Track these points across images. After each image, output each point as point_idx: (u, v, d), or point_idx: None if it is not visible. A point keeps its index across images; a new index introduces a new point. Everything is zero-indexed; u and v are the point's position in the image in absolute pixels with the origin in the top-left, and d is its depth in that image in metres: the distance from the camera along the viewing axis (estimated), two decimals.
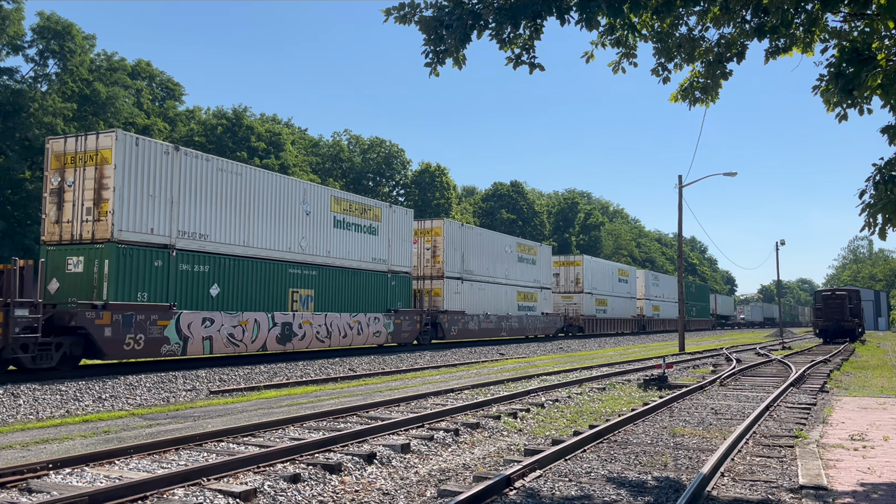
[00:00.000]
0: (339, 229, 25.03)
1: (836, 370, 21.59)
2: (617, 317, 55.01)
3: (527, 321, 39.67)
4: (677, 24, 7.69)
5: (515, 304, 38.48)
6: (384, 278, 27.04)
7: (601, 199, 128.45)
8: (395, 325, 27.21)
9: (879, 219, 7.18)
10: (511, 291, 38.04)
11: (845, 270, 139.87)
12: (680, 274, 35.64)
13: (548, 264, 43.67)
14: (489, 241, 36.44)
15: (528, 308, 40.02)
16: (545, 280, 43.09)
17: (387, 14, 6.75)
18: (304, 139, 70.20)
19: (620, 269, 58.50)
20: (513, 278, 38.42)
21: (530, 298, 40.66)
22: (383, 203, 27.69)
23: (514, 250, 39.11)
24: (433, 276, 31.54)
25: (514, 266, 38.73)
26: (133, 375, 16.61)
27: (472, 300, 33.46)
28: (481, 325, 34.19)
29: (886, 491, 6.72)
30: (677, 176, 56.62)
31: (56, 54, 44.07)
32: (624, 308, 57.37)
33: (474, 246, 34.37)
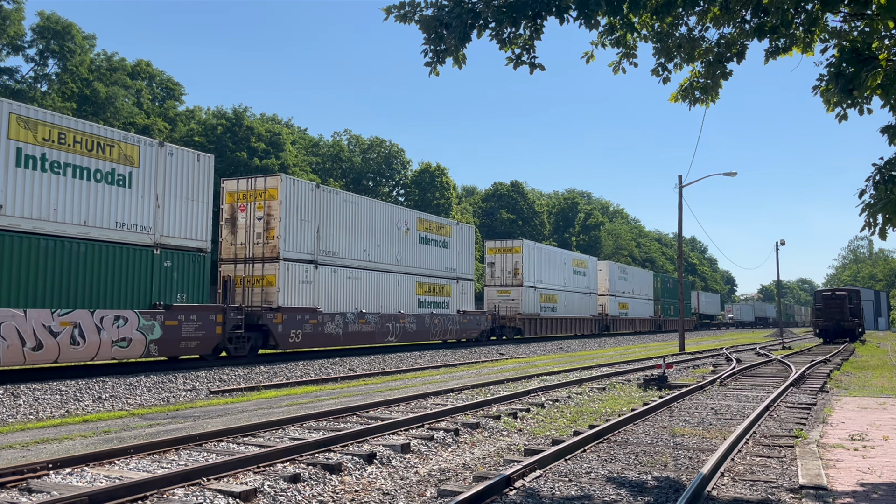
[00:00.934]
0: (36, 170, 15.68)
1: (836, 370, 21.59)
2: (570, 315, 46.43)
3: (432, 322, 30.41)
4: (677, 24, 7.69)
5: (414, 298, 29.63)
6: (144, 256, 17.96)
7: (601, 199, 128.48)
8: (166, 328, 18.16)
9: (879, 219, 7.17)
10: (407, 282, 29.18)
11: (845, 270, 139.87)
12: (680, 274, 35.59)
13: (468, 249, 34.64)
14: (365, 212, 27.03)
15: (435, 304, 31.31)
16: (464, 269, 34.14)
17: (387, 13, 6.75)
18: (304, 139, 70.16)
19: (576, 258, 49.77)
20: (409, 264, 29.49)
21: (439, 292, 31.82)
22: (144, 138, 18.54)
23: (413, 228, 30.18)
24: (265, 258, 22.51)
25: (413, 249, 29.84)
26: (133, 375, 16.61)
27: (332, 293, 24.60)
28: (348, 327, 24.95)
29: (886, 491, 6.72)
30: (677, 176, 54.73)
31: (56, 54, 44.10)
32: (581, 305, 48.97)
33: (337, 217, 25.37)
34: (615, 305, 55.64)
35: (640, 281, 62.97)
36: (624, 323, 57.18)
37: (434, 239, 31.85)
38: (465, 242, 34.85)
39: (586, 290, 50.29)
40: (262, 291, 22.51)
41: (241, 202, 23.04)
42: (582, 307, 49.15)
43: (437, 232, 32.15)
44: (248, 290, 22.55)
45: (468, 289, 34.67)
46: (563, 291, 45.84)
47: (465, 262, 34.56)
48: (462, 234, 34.53)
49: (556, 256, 46.24)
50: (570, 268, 47.73)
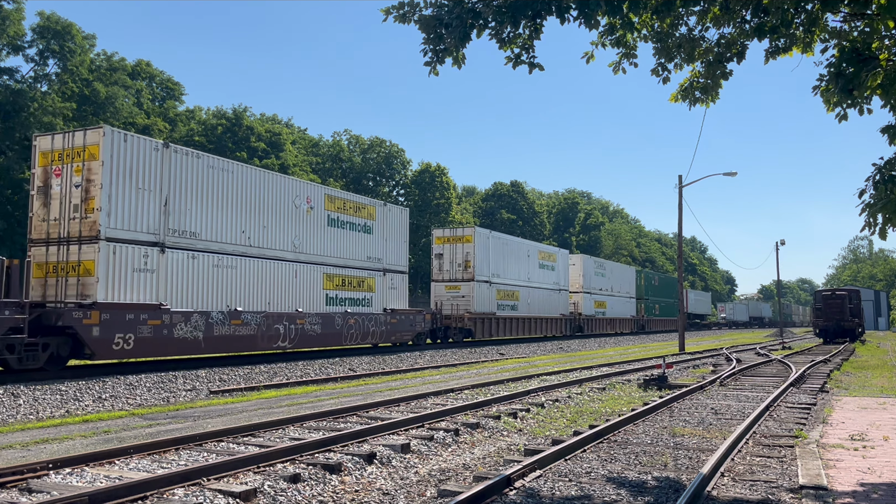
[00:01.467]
0: None
1: (836, 370, 21.59)
2: (535, 315, 40.82)
3: (345, 323, 24.67)
4: (677, 24, 7.69)
5: (321, 294, 24.06)
6: None
7: (601, 199, 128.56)
8: None
9: (879, 218, 7.18)
10: (309, 274, 23.58)
11: (845, 270, 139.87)
12: (680, 274, 35.58)
13: (398, 235, 29.08)
14: (246, 183, 21.36)
15: (352, 301, 25.72)
16: (394, 259, 28.64)
17: (386, 13, 6.75)
18: (304, 139, 70.22)
19: (543, 250, 43.42)
20: (314, 252, 23.97)
21: (357, 286, 26.06)
22: None
23: (318, 206, 24.41)
24: (82, 238, 17.06)
25: (319, 232, 24.34)
26: (133, 375, 16.61)
27: (189, 286, 19.09)
28: (213, 330, 19.33)
29: (886, 491, 6.72)
30: (677, 176, 53.95)
31: (56, 54, 44.10)
32: (548, 303, 43.05)
33: (200, 187, 19.67)
34: (590, 304, 50.29)
35: (620, 277, 57.41)
36: (601, 323, 51.77)
37: (351, 222, 25.90)
38: (396, 227, 28.91)
39: (555, 287, 44.18)
40: (79, 283, 16.78)
41: (57, 164, 17.41)
42: (550, 305, 43.21)
43: (356, 213, 26.25)
44: (62, 280, 17.00)
45: (399, 283, 28.87)
46: (525, 287, 39.98)
47: (396, 251, 28.75)
48: (391, 216, 28.60)
49: (518, 247, 40.10)
50: (534, 261, 41.57)
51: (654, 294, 66.25)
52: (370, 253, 27.13)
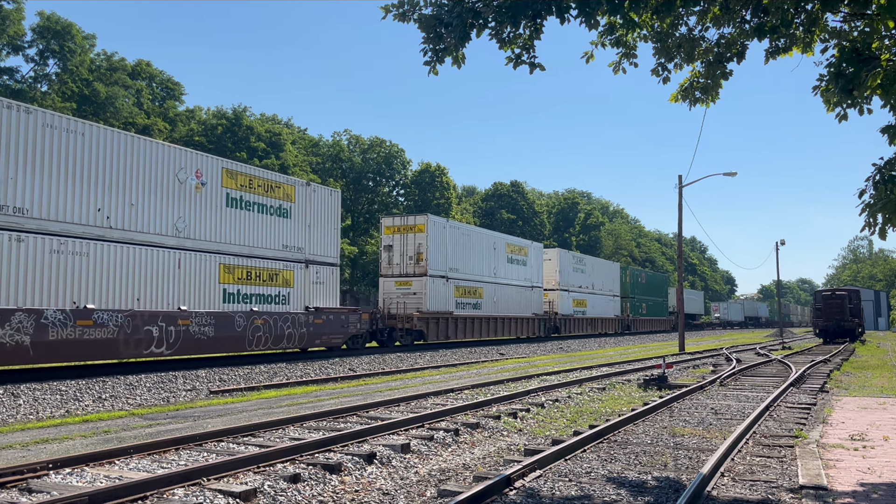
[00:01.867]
0: None
1: (836, 370, 21.59)
2: (501, 314, 36.82)
3: (249, 323, 20.60)
4: (677, 24, 7.69)
5: (216, 288, 20.16)
6: None
7: (601, 199, 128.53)
8: None
9: (879, 218, 7.18)
10: (200, 264, 19.69)
11: (845, 270, 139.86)
12: (680, 274, 35.60)
13: (326, 220, 24.82)
14: (106, 149, 17.58)
15: (261, 298, 21.68)
16: (320, 248, 24.37)
17: (385, 11, 6.74)
18: (304, 139, 70.19)
19: (511, 242, 39.15)
20: (207, 237, 20.05)
21: (270, 280, 22.10)
22: None
23: (213, 182, 20.36)
24: None
25: (215, 214, 20.30)
26: (133, 375, 16.61)
27: (11, 276, 15.27)
28: (48, 333, 15.39)
29: (886, 491, 6.72)
30: (677, 176, 53.33)
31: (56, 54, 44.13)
32: (518, 301, 38.99)
33: (24, 150, 15.73)
34: (568, 302, 46.03)
35: (602, 274, 53.18)
36: (580, 323, 47.52)
37: (260, 203, 21.93)
38: (323, 211, 24.69)
39: (527, 283, 40.06)
40: None
41: None
42: (520, 304, 39.11)
43: (268, 193, 22.25)
44: None
45: (328, 277, 24.61)
46: (491, 284, 35.96)
47: (323, 239, 24.56)
48: (316, 199, 24.40)
49: (481, 239, 35.78)
50: (502, 254, 37.41)
51: (640, 292, 62.05)
52: (288, 241, 22.99)
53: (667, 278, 75.93)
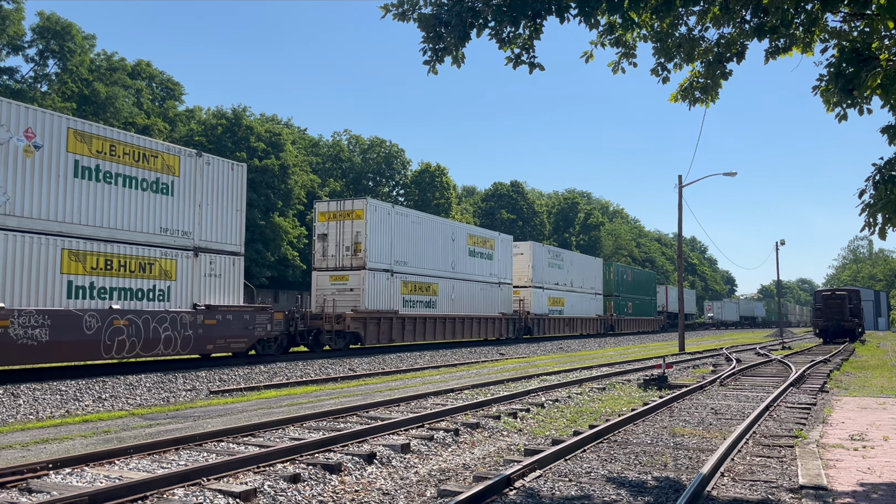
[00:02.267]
0: None
1: (836, 370, 21.59)
2: (462, 314, 32.57)
3: (107, 325, 16.62)
4: (677, 24, 7.69)
5: (58, 281, 16.09)
6: None
7: (601, 199, 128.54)
8: None
9: (879, 218, 7.18)
10: (34, 249, 15.64)
11: (845, 270, 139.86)
12: (680, 274, 35.56)
13: (226, 200, 20.76)
14: None
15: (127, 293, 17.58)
16: (214, 233, 20.31)
17: (385, 10, 6.72)
18: (304, 139, 70.20)
19: (473, 233, 34.60)
20: (39, 215, 15.87)
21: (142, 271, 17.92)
22: None
23: (55, 147, 16.32)
24: None
25: (57, 188, 16.30)
26: (133, 375, 16.61)
27: None
28: None
29: (886, 491, 6.72)
30: (677, 176, 52.69)
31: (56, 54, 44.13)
32: (482, 300, 34.62)
33: None
34: (542, 301, 41.64)
35: (582, 270, 48.61)
36: (555, 324, 42.73)
37: (129, 175, 17.81)
38: (220, 188, 20.54)
39: (493, 279, 35.64)
40: None
41: None
42: (484, 302, 34.63)
43: (140, 163, 18.11)
44: None
45: (227, 268, 20.56)
46: (447, 279, 31.59)
47: (220, 222, 20.44)
48: (211, 174, 20.26)
49: (435, 228, 31.27)
50: (462, 246, 32.93)
51: (626, 290, 57.29)
52: (166, 223, 18.74)
53: (655, 276, 70.68)
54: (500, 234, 37.96)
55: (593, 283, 50.77)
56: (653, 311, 64.26)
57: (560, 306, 44.15)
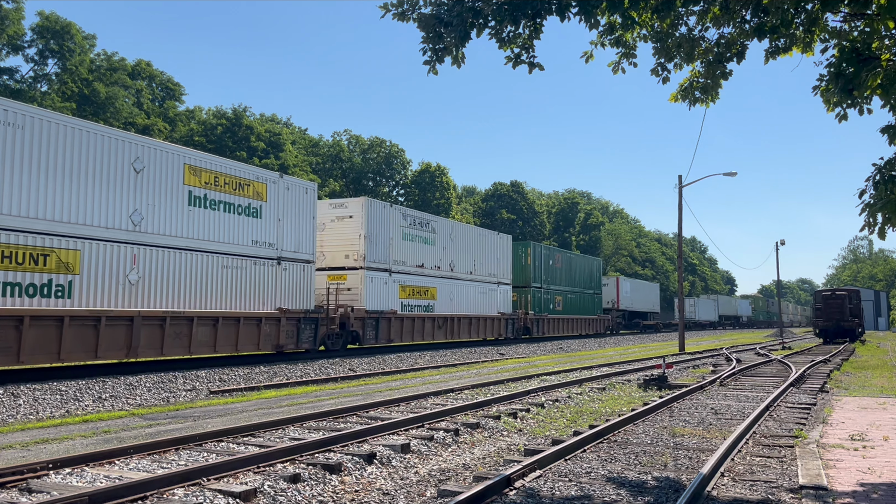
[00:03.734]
0: None
1: (836, 370, 21.59)
2: (207, 311, 19.87)
3: None
4: (677, 24, 7.69)
5: None
6: None
7: (601, 199, 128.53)
8: None
9: (879, 218, 7.18)
10: None
11: (845, 270, 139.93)
12: (680, 274, 35.56)
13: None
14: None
15: None
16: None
17: (385, 9, 6.72)
18: (304, 139, 70.23)
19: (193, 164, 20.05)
20: None
21: None
22: None
23: None
24: None
25: None
26: (133, 375, 16.61)
27: None
28: None
29: (886, 491, 6.72)
30: (677, 176, 51.90)
31: (56, 54, 44.12)
32: (242, 290, 20.76)
33: None
34: (387, 291, 27.16)
35: (474, 248, 34.12)
36: (413, 325, 28.45)
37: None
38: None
39: (264, 252, 21.65)
40: None
41: None
42: (253, 293, 21.09)
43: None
44: None
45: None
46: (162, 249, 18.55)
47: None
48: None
49: None
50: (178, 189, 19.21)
51: (555, 281, 43.48)
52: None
53: (600, 263, 54.00)
54: (296, 178, 24.14)
55: (496, 269, 36.08)
56: (595, 308, 50.78)
57: (426, 300, 29.68)
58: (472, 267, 34.19)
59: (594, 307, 50.74)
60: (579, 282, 48.14)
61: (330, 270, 26.58)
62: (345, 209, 26.85)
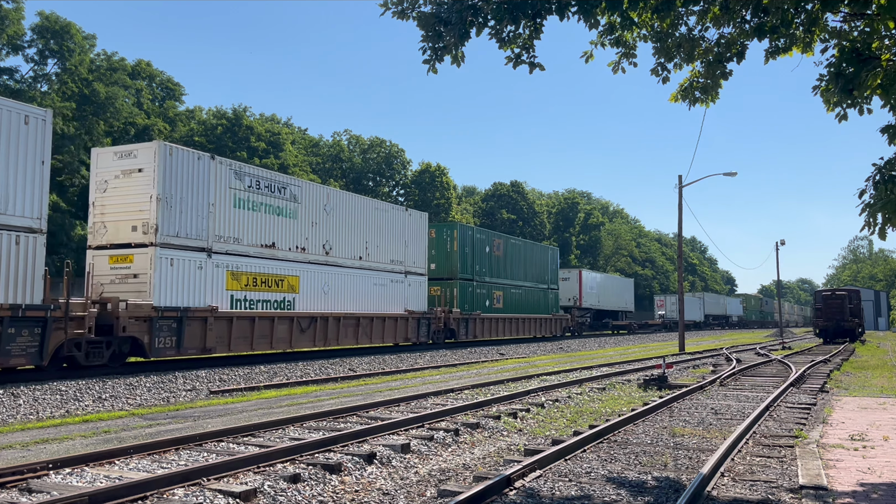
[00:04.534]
0: None
1: (836, 370, 21.59)
2: None
3: None
4: (677, 24, 7.68)
5: None
6: None
7: (601, 199, 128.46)
8: None
9: (879, 218, 7.18)
10: None
11: (845, 270, 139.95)
12: (680, 274, 35.57)
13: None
14: None
15: None
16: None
17: (384, 7, 6.70)
18: (304, 139, 70.23)
19: None
20: None
21: None
22: None
23: None
24: None
25: None
26: (133, 376, 16.60)
27: None
28: None
29: (886, 491, 6.72)
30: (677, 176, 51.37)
31: (56, 54, 44.09)
32: None
33: None
34: (207, 283, 19.59)
35: (362, 226, 26.31)
36: (263, 329, 21.06)
37: None
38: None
39: None
40: None
41: None
42: None
43: None
44: None
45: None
46: None
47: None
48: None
49: None
50: None
51: (491, 272, 35.45)
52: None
53: (556, 253, 44.80)
54: None
55: (403, 255, 28.55)
56: (550, 307, 42.65)
57: (282, 293, 22.08)
58: (363, 251, 26.12)
59: (548, 305, 42.39)
60: (529, 275, 39.98)
61: (113, 249, 18.58)
62: (133, 159, 18.72)
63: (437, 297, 32.26)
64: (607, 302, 56.37)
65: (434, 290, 32.18)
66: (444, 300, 32.36)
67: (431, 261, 31.88)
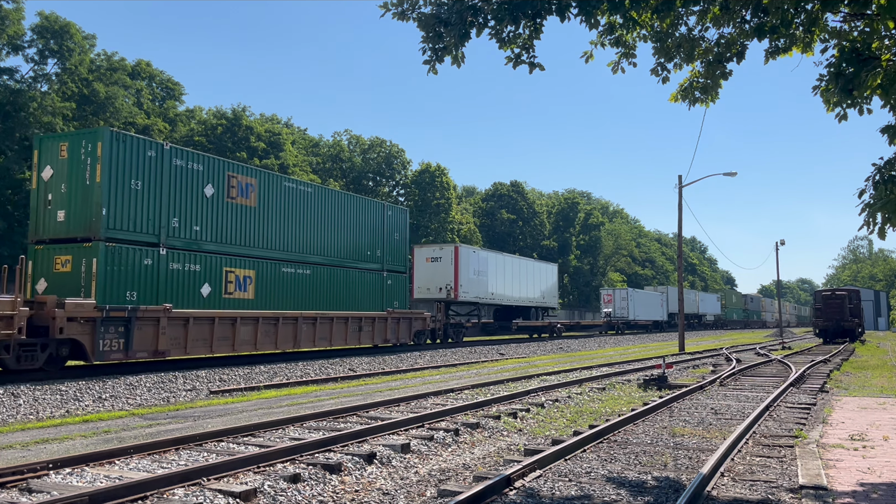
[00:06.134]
0: None
1: (836, 370, 21.59)
2: None
3: None
4: (677, 24, 7.68)
5: None
6: None
7: (601, 199, 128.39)
8: None
9: (879, 218, 7.18)
10: None
11: (845, 270, 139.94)
12: (680, 274, 35.56)
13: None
14: None
15: None
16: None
17: (384, 8, 6.71)
18: (304, 139, 70.18)
19: None
20: None
21: None
22: None
23: None
24: None
25: None
26: (133, 375, 16.60)
27: None
28: None
29: (886, 491, 6.72)
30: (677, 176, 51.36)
31: (55, 54, 44.04)
32: None
33: None
34: None
35: None
36: None
37: None
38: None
39: None
40: None
41: None
42: None
43: None
44: None
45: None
46: None
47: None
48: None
49: None
50: None
51: (223, 235, 20.07)
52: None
53: (405, 214, 29.51)
54: None
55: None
56: (387, 299, 27.11)
57: None
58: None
59: (380, 297, 26.84)
60: (332, 245, 24.56)
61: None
62: None
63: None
64: (515, 294, 39.50)
65: (61, 261, 17.27)
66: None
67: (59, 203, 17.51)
